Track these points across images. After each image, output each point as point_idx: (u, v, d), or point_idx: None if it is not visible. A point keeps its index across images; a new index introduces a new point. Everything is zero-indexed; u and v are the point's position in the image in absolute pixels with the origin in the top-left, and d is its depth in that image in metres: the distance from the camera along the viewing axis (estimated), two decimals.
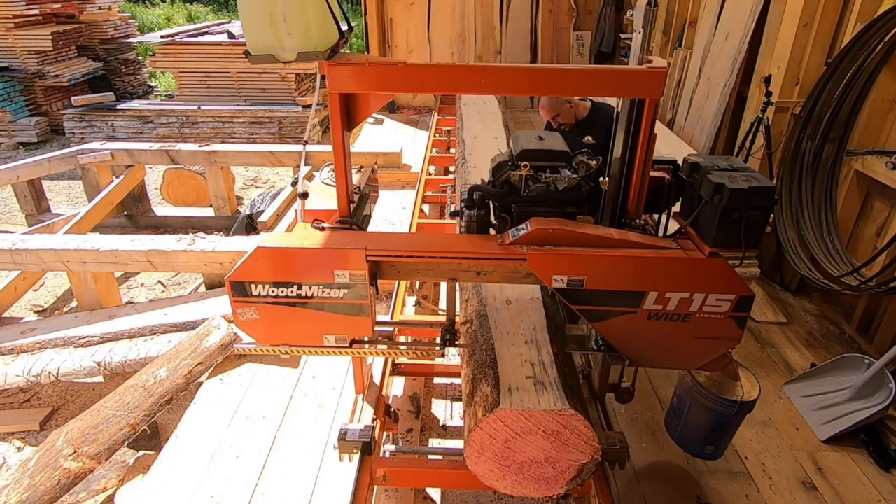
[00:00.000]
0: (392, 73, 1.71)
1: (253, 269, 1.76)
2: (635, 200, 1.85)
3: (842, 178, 3.76)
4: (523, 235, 1.77)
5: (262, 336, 1.91)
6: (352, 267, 1.75)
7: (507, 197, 1.95)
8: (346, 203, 1.92)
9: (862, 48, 3.48)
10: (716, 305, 1.72)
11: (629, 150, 1.81)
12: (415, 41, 8.51)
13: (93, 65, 10.27)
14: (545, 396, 1.72)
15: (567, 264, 1.71)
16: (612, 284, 1.72)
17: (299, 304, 1.81)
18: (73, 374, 3.18)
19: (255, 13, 1.59)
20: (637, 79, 1.66)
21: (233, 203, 6.23)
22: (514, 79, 1.71)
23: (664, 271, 1.69)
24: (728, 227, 1.63)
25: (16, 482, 2.33)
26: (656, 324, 1.76)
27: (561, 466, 1.76)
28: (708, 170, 1.70)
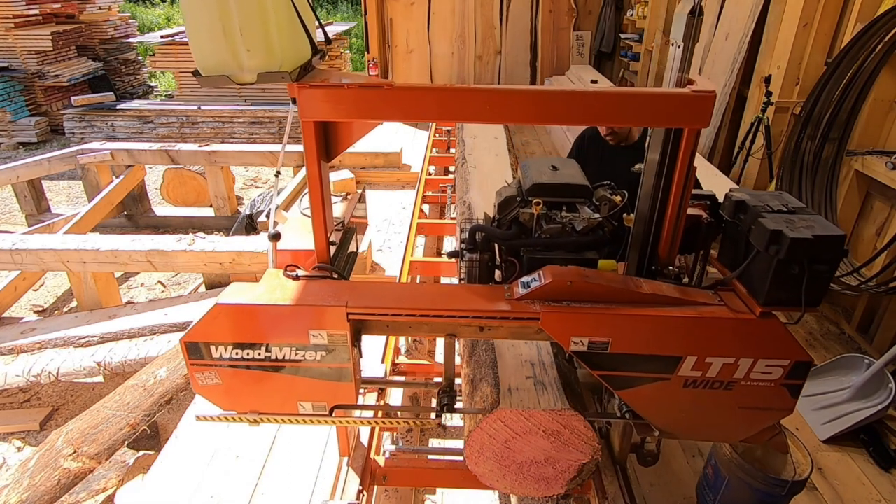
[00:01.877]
0: (377, 97, 1.41)
1: (211, 329, 1.52)
2: (668, 244, 1.56)
3: (842, 178, 3.76)
4: (536, 289, 1.52)
5: (226, 402, 1.66)
6: (330, 326, 1.50)
7: (516, 240, 1.67)
8: (324, 246, 1.65)
9: (862, 48, 3.48)
10: (766, 372, 1.48)
11: (663, 186, 1.51)
12: (415, 41, 8.51)
13: (93, 65, 10.27)
14: (545, 396, 1.72)
15: (588, 325, 1.47)
16: (642, 348, 1.48)
17: (268, 368, 1.58)
18: (73, 374, 3.18)
19: (205, 24, 1.28)
20: (680, 105, 1.37)
21: (233, 203, 6.23)
22: (523, 104, 1.43)
23: (705, 333, 1.45)
24: (785, 282, 1.38)
25: (16, 482, 2.33)
26: (693, 392, 1.53)
27: (561, 466, 1.76)
28: (759, 211, 1.42)
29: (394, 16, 8.36)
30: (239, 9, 1.27)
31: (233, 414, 1.70)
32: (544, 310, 1.48)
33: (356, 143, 1.64)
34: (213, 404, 1.66)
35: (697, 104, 1.36)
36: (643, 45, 7.40)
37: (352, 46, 15.37)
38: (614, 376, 1.53)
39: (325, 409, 1.66)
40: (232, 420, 1.71)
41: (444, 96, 1.44)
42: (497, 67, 8.61)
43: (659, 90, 1.40)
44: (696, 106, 1.36)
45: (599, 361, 1.51)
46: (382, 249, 4.22)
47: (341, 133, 1.59)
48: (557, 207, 1.68)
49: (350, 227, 1.93)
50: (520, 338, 1.67)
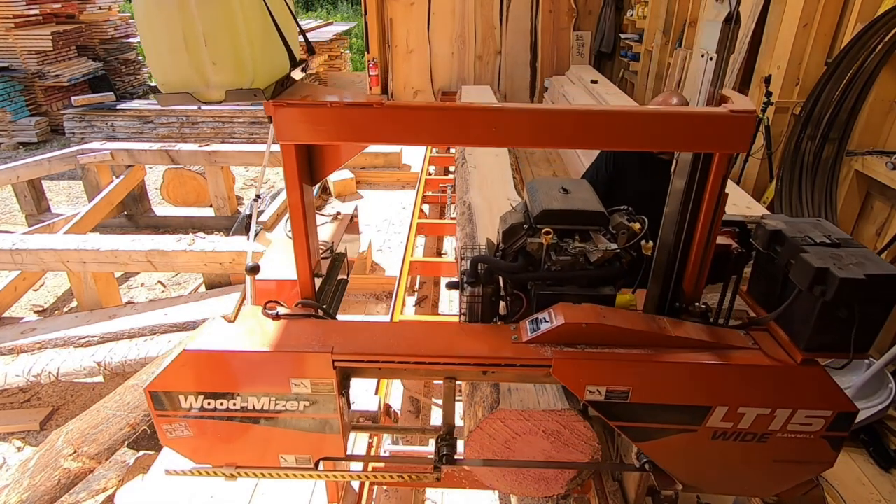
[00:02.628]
0: (365, 117, 1.23)
1: (179, 378, 1.35)
2: (694, 278, 1.39)
3: (842, 178, 3.76)
4: (546, 331, 1.36)
5: (199, 456, 1.49)
6: (313, 375, 1.35)
7: (523, 273, 1.50)
8: (308, 280, 1.48)
9: (862, 48, 3.48)
10: (805, 423, 1.33)
11: (690, 213, 1.35)
12: (415, 41, 8.51)
13: (93, 65, 10.27)
14: (545, 396, 1.72)
15: (606, 373, 1.32)
16: (666, 397, 1.33)
17: (245, 419, 1.41)
18: (73, 374, 3.18)
19: (164, 33, 1.12)
20: (716, 127, 1.20)
21: (233, 203, 6.23)
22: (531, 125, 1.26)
23: (739, 382, 1.31)
24: (831, 325, 1.22)
25: (16, 482, 2.33)
26: (723, 444, 1.38)
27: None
28: (799, 244, 1.26)
29: (394, 16, 8.36)
30: (203, 16, 1.10)
31: (207, 468, 1.52)
32: (556, 356, 1.33)
33: None
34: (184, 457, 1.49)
35: (736, 126, 1.18)
36: (643, 46, 7.40)
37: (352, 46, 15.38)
38: (634, 427, 1.38)
39: (309, 461, 1.50)
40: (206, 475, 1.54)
41: (442, 117, 1.25)
42: (497, 67, 8.61)
43: (692, 110, 1.24)
44: (735, 128, 1.18)
45: (618, 412, 1.36)
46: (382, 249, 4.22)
47: (327, 154, 1.43)
48: (569, 236, 1.51)
49: (339, 254, 1.78)
50: (527, 381, 1.53)
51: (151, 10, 1.11)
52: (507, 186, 3.37)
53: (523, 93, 8.75)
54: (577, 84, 6.93)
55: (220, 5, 1.11)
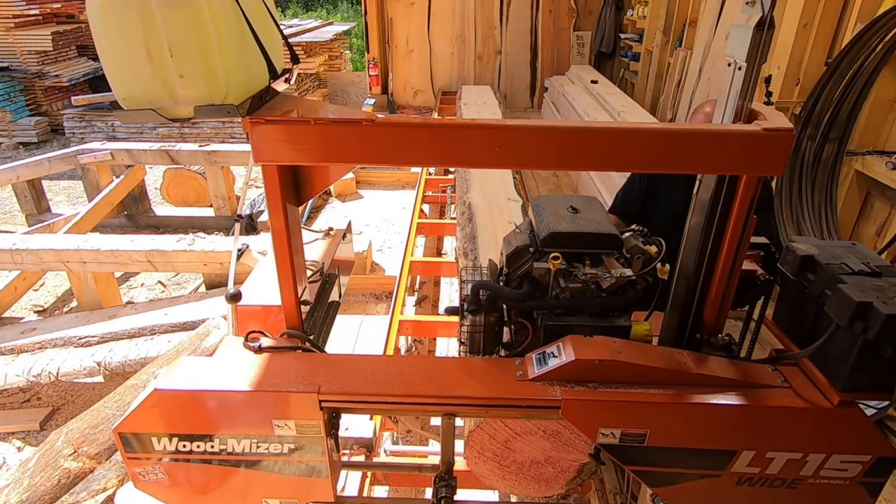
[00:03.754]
0: (353, 136, 1.11)
1: (151, 419, 1.24)
2: (717, 308, 1.28)
3: (842, 178, 3.76)
4: (555, 368, 1.25)
5: (175, 500, 1.38)
6: (298, 416, 1.23)
7: (529, 300, 1.37)
8: (293, 308, 1.36)
9: (862, 48, 3.48)
10: (840, 469, 1.22)
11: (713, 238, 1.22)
12: (415, 41, 8.52)
13: (93, 65, 10.27)
14: None
15: (622, 415, 1.21)
16: (688, 441, 1.22)
17: (224, 462, 1.30)
18: (73, 374, 3.18)
19: (124, 44, 1.00)
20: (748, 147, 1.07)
21: (233, 203, 6.23)
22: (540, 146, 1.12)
23: (768, 424, 1.20)
24: (873, 365, 1.10)
25: (16, 482, 2.33)
26: (749, 490, 1.27)
27: (561, 466, 1.76)
28: (835, 273, 1.14)
29: (394, 16, 8.36)
30: (167, 23, 0.97)
31: None
32: (566, 395, 1.22)
33: None
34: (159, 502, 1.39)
35: (771, 146, 1.05)
36: (643, 46, 7.40)
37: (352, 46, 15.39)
38: (652, 472, 1.28)
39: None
40: None
41: (440, 136, 1.12)
42: (497, 67, 8.61)
43: (720, 128, 1.11)
44: (770, 148, 1.06)
45: (634, 456, 1.26)
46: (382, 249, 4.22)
47: (315, 173, 1.30)
48: (579, 260, 1.39)
49: (331, 274, 1.66)
50: (533, 418, 1.43)
51: (109, 17, 0.99)
52: (507, 186, 3.37)
53: (523, 93, 8.76)
54: (577, 84, 6.93)
55: (186, 11, 0.98)
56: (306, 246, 1.60)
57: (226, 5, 1.06)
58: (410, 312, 3.84)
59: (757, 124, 1.09)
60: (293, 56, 1.28)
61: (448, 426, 1.39)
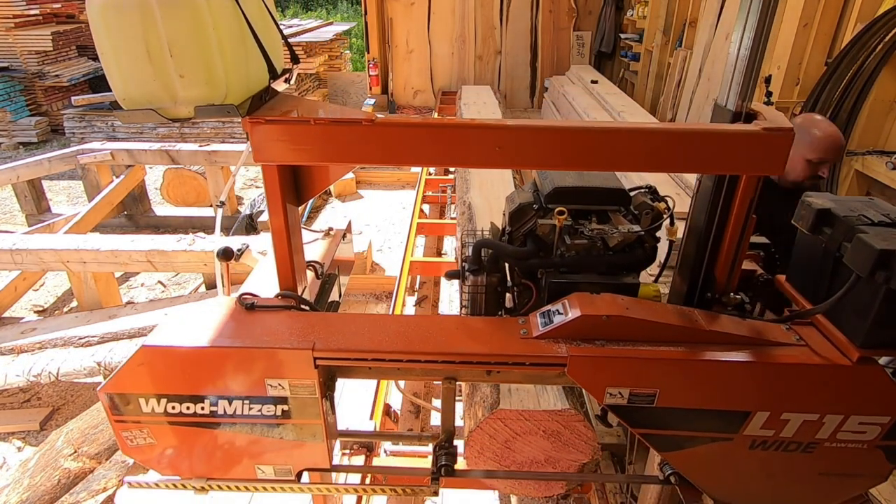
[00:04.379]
0: (353, 135, 1.10)
1: (137, 378, 1.18)
2: (728, 265, 1.23)
3: (842, 178, 3.76)
4: (560, 325, 1.19)
5: (164, 466, 1.32)
6: (292, 375, 1.18)
7: (533, 259, 1.34)
8: (289, 271, 1.33)
9: (862, 48, 3.48)
10: (858, 431, 1.17)
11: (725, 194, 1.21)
12: (415, 41, 8.52)
13: (93, 65, 10.27)
14: (545, 396, 1.72)
15: (630, 373, 1.16)
16: (699, 401, 1.17)
17: (214, 425, 1.24)
18: (73, 374, 3.18)
19: (125, 44, 1.00)
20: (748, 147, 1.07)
21: (233, 203, 6.23)
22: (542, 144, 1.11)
23: (783, 384, 1.15)
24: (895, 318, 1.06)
25: (16, 482, 2.33)
26: (762, 454, 1.22)
27: (561, 466, 1.76)
28: (853, 224, 1.09)
29: (394, 16, 8.36)
30: (167, 23, 0.97)
31: (174, 480, 1.34)
32: (572, 352, 1.16)
33: None
34: (149, 468, 1.32)
35: (770, 146, 1.05)
36: (643, 45, 7.41)
37: (352, 46, 15.38)
38: (661, 436, 1.22)
39: (290, 473, 1.33)
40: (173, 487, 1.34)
41: (442, 135, 1.11)
42: (497, 67, 8.61)
43: (720, 127, 1.11)
44: (768, 148, 1.05)
45: (642, 418, 1.20)
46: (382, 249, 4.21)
47: (315, 173, 1.29)
48: (585, 217, 1.35)
49: (331, 274, 1.62)
50: (537, 382, 1.38)
51: (109, 16, 0.99)
52: (507, 186, 3.37)
53: (523, 93, 8.76)
54: (577, 84, 6.93)
55: (186, 11, 0.98)
56: (306, 246, 1.59)
57: (226, 5, 1.06)
58: (410, 312, 3.83)
59: (756, 124, 1.08)
60: (293, 56, 1.28)
61: (448, 391, 1.33)
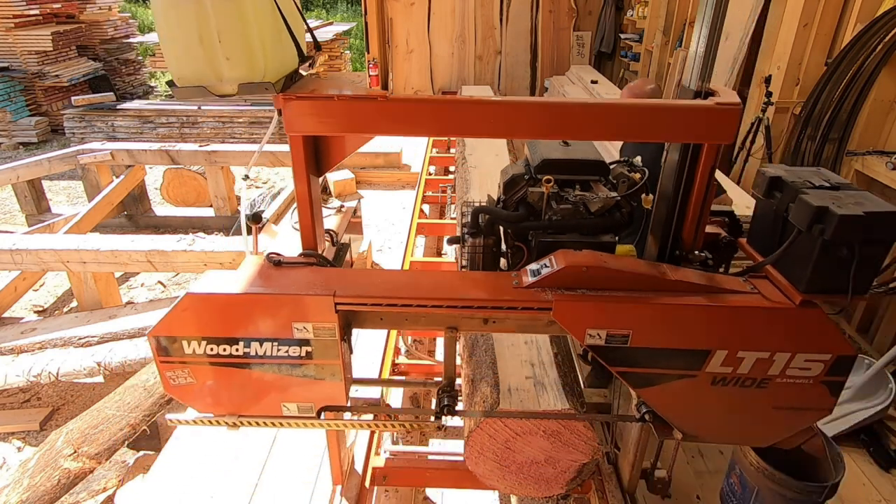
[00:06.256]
0: (370, 109, 1.29)
1: (182, 322, 1.37)
2: (694, 227, 1.41)
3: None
4: (547, 276, 1.36)
5: (202, 404, 1.50)
6: (315, 318, 1.35)
7: (524, 222, 1.52)
8: (310, 232, 1.50)
9: (862, 48, 3.48)
10: (804, 368, 1.33)
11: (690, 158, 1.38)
12: (415, 41, 8.52)
13: (93, 65, 10.28)
14: (545, 397, 1.72)
15: (606, 315, 1.32)
16: (666, 341, 1.34)
17: (247, 365, 1.42)
18: (73, 374, 3.18)
19: (180, 30, 1.19)
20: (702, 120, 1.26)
21: (233, 203, 6.23)
22: (530, 117, 1.29)
23: (737, 325, 1.31)
24: (830, 266, 1.21)
25: (16, 482, 2.33)
26: (723, 390, 1.39)
27: (561, 466, 1.76)
28: (799, 188, 1.27)
29: (394, 16, 8.36)
30: (216, 14, 1.16)
31: (209, 417, 1.52)
32: (557, 298, 1.33)
33: None
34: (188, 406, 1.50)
35: (721, 118, 1.25)
36: (643, 45, 7.40)
37: (352, 46, 15.37)
38: (634, 373, 1.39)
39: (311, 410, 1.50)
40: (208, 423, 1.52)
41: (445, 109, 1.30)
42: (497, 67, 8.61)
43: (679, 102, 1.30)
44: (720, 120, 1.25)
45: (618, 356, 1.37)
46: (382, 249, 4.21)
47: (333, 146, 1.48)
48: (570, 186, 1.53)
49: (343, 244, 1.77)
50: (528, 331, 1.53)
51: (168, 7, 1.17)
52: None
53: (523, 93, 8.76)
54: (577, 84, 6.93)
55: (233, 4, 1.17)
56: None
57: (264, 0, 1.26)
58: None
59: (711, 101, 1.27)
60: (316, 44, 1.50)
61: (450, 340, 1.50)
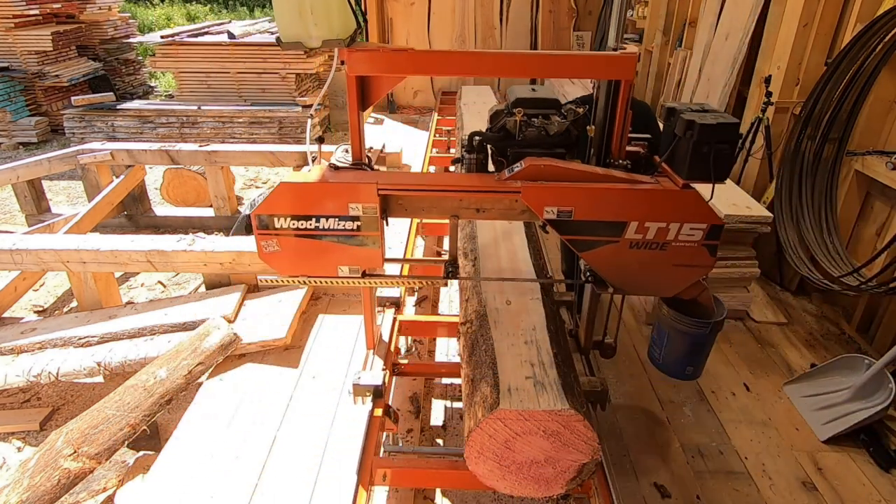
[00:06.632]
0: (401, 58, 1.93)
1: (276, 203, 1.93)
2: (619, 141, 2.01)
3: (842, 178, 3.76)
4: (518, 172, 1.93)
5: (283, 267, 2.06)
6: (364, 200, 1.91)
7: (504, 141, 2.11)
8: (359, 149, 2.11)
9: (862, 48, 3.48)
10: (690, 234, 1.87)
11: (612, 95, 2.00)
12: (415, 41, 8.51)
13: (93, 65, 10.27)
14: (545, 397, 1.72)
15: (557, 196, 1.86)
16: (597, 215, 1.87)
17: (316, 236, 1.97)
18: (73, 374, 3.18)
19: (287, 6, 1.79)
20: (610, 63, 1.90)
21: (233, 203, 6.22)
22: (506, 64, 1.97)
23: (644, 203, 1.84)
24: (699, 160, 1.78)
25: (16, 482, 2.33)
26: (637, 252, 1.91)
27: (561, 466, 1.76)
28: (681, 111, 1.85)
29: (394, 16, 8.36)
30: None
31: (287, 278, 2.11)
32: (524, 186, 1.89)
33: None
34: (272, 269, 2.07)
35: (620, 62, 1.87)
36: (643, 45, 7.40)
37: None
38: (578, 240, 1.91)
39: (358, 271, 2.08)
40: (284, 284, 2.14)
41: (444, 58, 2.06)
42: None
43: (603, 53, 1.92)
44: (619, 63, 1.87)
45: (566, 228, 1.90)
46: None
47: (373, 88, 2.03)
48: (535, 117, 2.08)
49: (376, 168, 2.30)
50: (508, 217, 2.05)
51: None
52: None
53: None
54: (577, 84, 6.92)
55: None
56: None
57: None
58: (410, 312, 3.83)
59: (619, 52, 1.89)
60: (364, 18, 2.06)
61: (453, 225, 2.09)
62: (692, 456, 2.81)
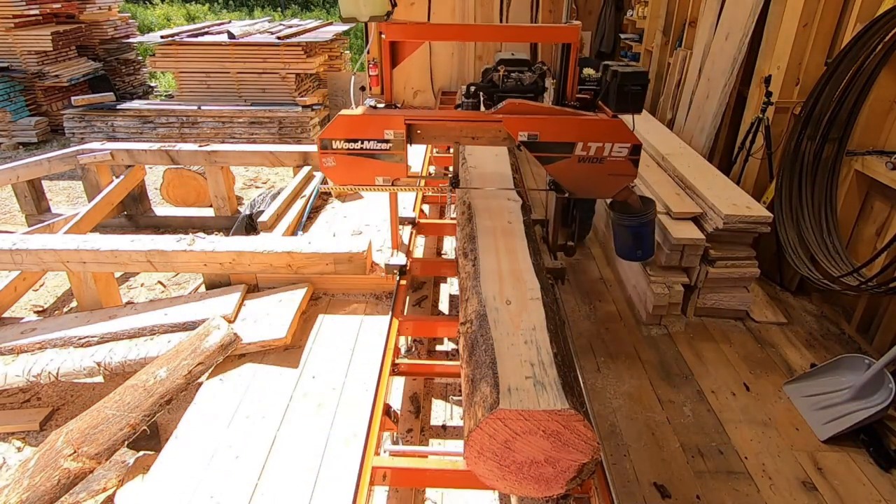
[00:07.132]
0: (423, 27, 3.08)
1: (335, 130, 2.66)
2: (571, 88, 2.80)
3: (842, 178, 3.75)
4: (500, 108, 2.67)
5: (337, 178, 2.79)
6: (395, 127, 2.65)
7: (491, 89, 3.07)
8: (390, 96, 2.91)
9: (862, 48, 3.48)
10: (619, 151, 2.57)
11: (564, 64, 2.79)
12: None
13: (93, 65, 10.27)
14: (545, 396, 1.72)
15: (528, 125, 2.58)
16: (555, 137, 2.58)
17: (362, 154, 2.71)
18: (73, 374, 3.18)
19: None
20: (557, 31, 2.76)
21: (233, 203, 6.22)
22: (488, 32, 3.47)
23: (587, 129, 2.55)
24: (622, 99, 2.63)
25: (16, 482, 2.33)
26: (584, 165, 2.61)
27: (561, 466, 1.76)
28: (610, 65, 2.73)
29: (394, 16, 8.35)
30: None
31: (340, 187, 2.92)
32: (505, 118, 2.61)
33: None
34: (329, 179, 2.80)
35: (563, 31, 2.70)
36: (643, 46, 7.40)
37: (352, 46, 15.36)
38: (543, 156, 2.62)
39: (388, 181, 2.80)
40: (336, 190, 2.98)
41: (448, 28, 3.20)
42: None
43: (547, 25, 2.87)
44: (563, 32, 2.70)
45: (535, 147, 2.60)
46: (382, 249, 4.21)
47: (401, 51, 2.92)
48: (514, 72, 3.09)
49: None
50: (495, 144, 2.76)
51: None
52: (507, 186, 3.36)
53: None
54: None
55: None
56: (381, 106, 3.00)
57: None
58: (410, 313, 3.83)
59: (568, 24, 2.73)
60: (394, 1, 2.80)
61: (456, 150, 3.28)
62: (692, 456, 2.81)
